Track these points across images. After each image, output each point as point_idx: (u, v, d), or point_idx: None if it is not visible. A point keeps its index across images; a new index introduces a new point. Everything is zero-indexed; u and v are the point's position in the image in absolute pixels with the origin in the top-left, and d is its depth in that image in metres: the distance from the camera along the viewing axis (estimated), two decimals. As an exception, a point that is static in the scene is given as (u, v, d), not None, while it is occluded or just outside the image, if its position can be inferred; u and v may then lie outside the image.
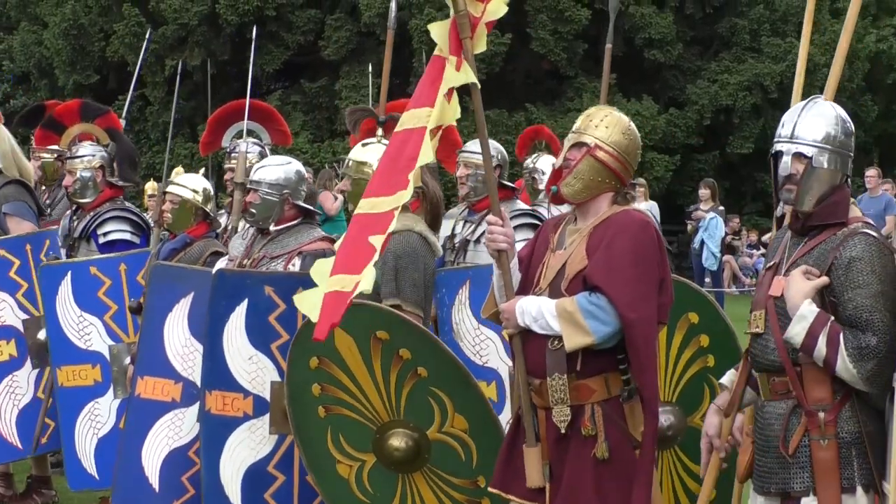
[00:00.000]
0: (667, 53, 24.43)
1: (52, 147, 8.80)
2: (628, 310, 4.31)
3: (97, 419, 6.79)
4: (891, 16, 28.25)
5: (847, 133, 4.30)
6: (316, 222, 6.06)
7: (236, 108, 8.95)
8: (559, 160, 4.60)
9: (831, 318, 4.11)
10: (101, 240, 7.29)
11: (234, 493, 5.52)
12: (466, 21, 4.51)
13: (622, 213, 4.50)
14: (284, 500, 5.48)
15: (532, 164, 8.96)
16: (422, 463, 5.00)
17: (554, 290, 4.45)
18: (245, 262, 5.87)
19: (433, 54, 4.59)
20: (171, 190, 6.92)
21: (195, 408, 5.90)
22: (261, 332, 5.50)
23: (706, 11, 25.40)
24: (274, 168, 5.95)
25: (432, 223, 5.48)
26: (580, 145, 4.54)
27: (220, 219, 7.38)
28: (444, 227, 6.40)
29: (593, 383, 4.40)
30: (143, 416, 6.08)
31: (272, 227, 5.87)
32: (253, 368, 5.52)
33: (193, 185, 6.97)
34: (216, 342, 5.56)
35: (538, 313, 4.41)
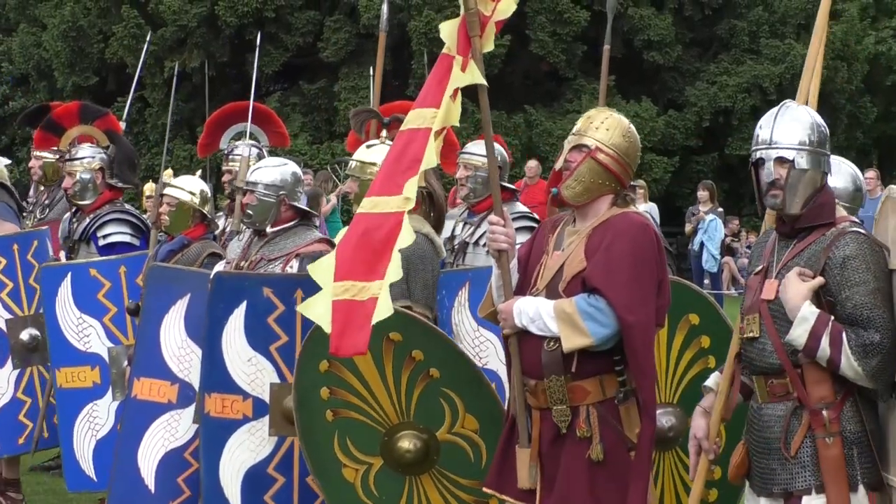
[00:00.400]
0: (666, 55, 24.43)
1: (52, 149, 8.79)
2: (627, 312, 4.31)
3: (96, 421, 6.79)
4: (890, 17, 28.25)
5: (822, 134, 4.36)
6: (313, 224, 6.06)
7: (234, 110, 8.95)
8: (559, 162, 4.59)
9: (832, 318, 4.14)
10: (101, 242, 7.28)
11: (233, 496, 5.51)
12: (476, 19, 4.52)
13: (621, 216, 4.50)
14: (284, 501, 5.48)
15: None
16: (430, 464, 5.01)
17: (551, 291, 4.45)
18: (242, 263, 5.86)
19: (441, 52, 4.59)
20: (169, 192, 6.91)
21: (191, 409, 5.90)
22: (260, 334, 5.49)
23: (705, 13, 25.41)
24: (270, 169, 5.95)
25: (436, 224, 5.48)
26: (581, 147, 4.54)
27: (218, 221, 7.37)
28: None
29: (588, 385, 4.40)
30: (139, 417, 6.09)
31: (269, 229, 5.86)
32: (252, 370, 5.51)
33: (191, 187, 6.96)
34: (215, 345, 5.55)
35: (536, 314, 4.41)
